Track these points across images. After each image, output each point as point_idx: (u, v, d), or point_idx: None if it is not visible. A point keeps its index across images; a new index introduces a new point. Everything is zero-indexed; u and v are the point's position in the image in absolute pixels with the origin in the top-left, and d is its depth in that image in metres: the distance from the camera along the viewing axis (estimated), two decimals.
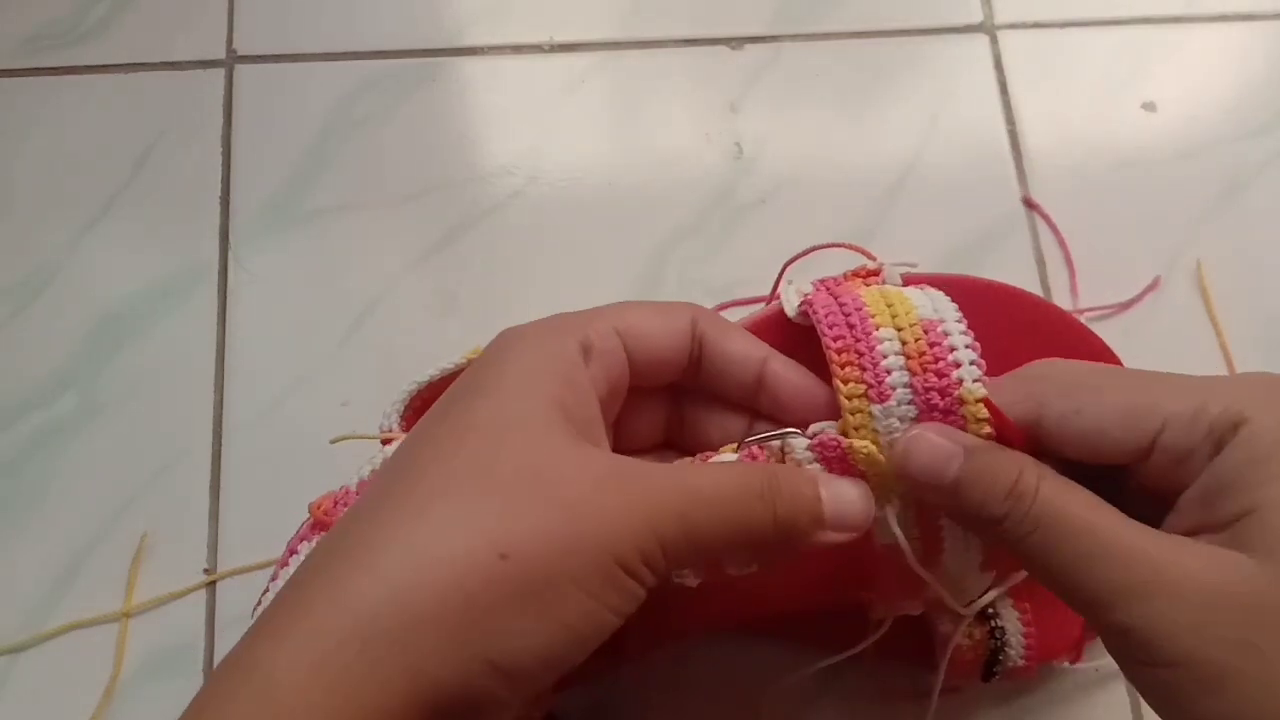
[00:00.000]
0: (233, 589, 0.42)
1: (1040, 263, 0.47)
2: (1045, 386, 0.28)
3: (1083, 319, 0.46)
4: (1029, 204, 0.48)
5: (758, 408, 0.32)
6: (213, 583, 0.42)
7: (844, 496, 0.29)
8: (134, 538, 0.42)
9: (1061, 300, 0.47)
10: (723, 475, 0.28)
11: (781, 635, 0.39)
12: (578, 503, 0.25)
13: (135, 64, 0.50)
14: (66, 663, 0.41)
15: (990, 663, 0.37)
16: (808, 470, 0.29)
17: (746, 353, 0.31)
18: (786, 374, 0.31)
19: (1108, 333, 0.46)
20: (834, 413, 0.30)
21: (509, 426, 0.26)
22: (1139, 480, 0.28)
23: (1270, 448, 0.25)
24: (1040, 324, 0.38)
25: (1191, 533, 0.26)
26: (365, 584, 0.24)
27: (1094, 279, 0.47)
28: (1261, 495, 0.25)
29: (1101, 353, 0.38)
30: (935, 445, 0.28)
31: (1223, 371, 0.46)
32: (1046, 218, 0.48)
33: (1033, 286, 0.47)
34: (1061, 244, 0.47)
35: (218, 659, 0.41)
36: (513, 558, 0.24)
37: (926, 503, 0.30)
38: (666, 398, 0.33)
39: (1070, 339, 0.38)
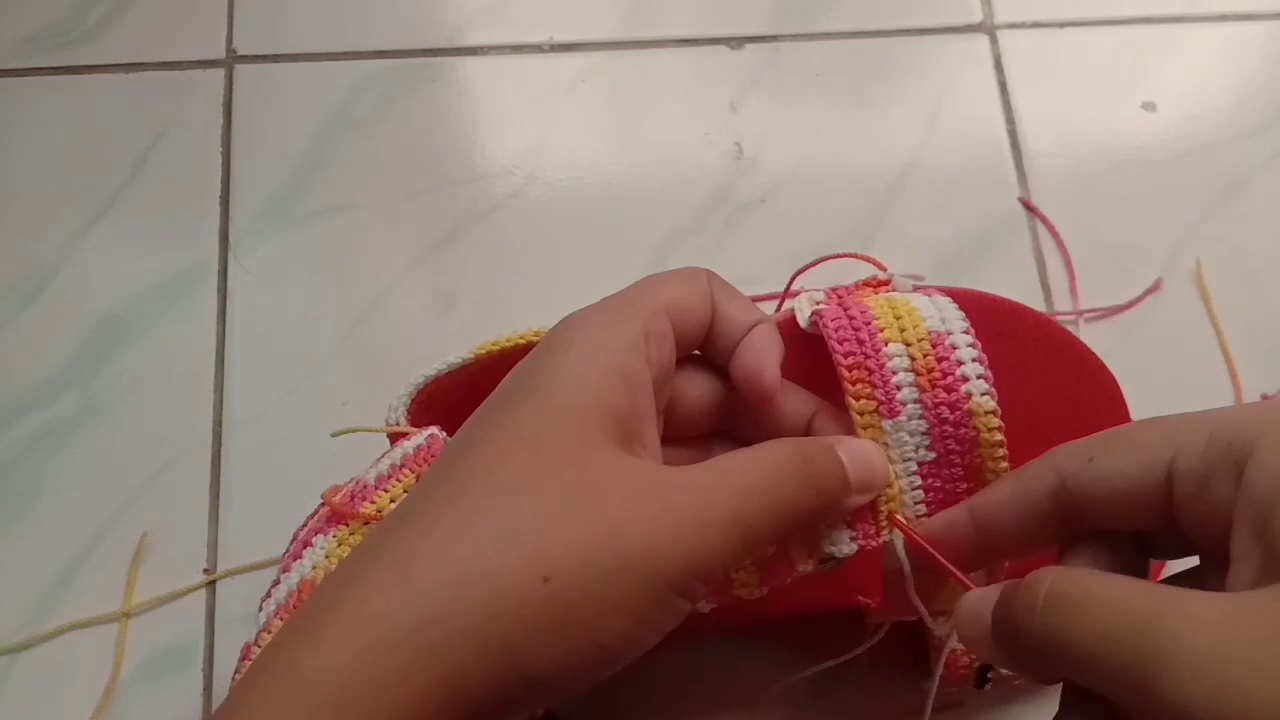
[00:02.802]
0: (233, 589, 0.42)
1: (1040, 262, 0.47)
2: (1055, 453, 0.27)
3: (1083, 319, 0.46)
4: (1027, 206, 0.48)
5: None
6: (213, 582, 0.42)
7: (864, 456, 0.29)
8: (134, 538, 0.42)
9: (1061, 300, 0.47)
10: (765, 465, 0.27)
11: (779, 639, 0.40)
12: (624, 524, 0.25)
13: (135, 64, 0.50)
14: (66, 663, 0.41)
15: (984, 669, 0.37)
16: (823, 439, 0.29)
17: (741, 316, 0.30)
18: (758, 341, 0.30)
19: (1108, 333, 0.46)
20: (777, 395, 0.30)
21: (555, 440, 0.26)
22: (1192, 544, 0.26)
23: None
24: (1041, 342, 0.38)
25: (1259, 580, 0.23)
26: (406, 594, 0.24)
27: (1094, 279, 0.47)
28: None
29: (1097, 371, 0.39)
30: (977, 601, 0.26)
31: (1222, 371, 0.46)
32: (1045, 220, 0.48)
33: (1032, 286, 0.47)
34: (1060, 246, 0.47)
35: (218, 659, 0.41)
36: (555, 581, 0.24)
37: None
38: (716, 384, 0.32)
39: (1070, 357, 0.39)
